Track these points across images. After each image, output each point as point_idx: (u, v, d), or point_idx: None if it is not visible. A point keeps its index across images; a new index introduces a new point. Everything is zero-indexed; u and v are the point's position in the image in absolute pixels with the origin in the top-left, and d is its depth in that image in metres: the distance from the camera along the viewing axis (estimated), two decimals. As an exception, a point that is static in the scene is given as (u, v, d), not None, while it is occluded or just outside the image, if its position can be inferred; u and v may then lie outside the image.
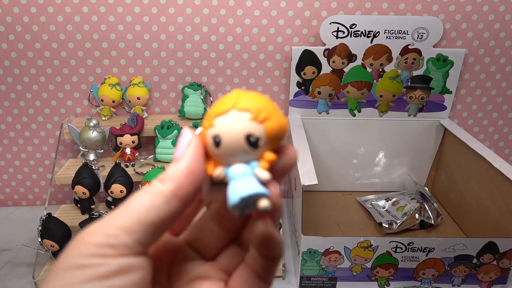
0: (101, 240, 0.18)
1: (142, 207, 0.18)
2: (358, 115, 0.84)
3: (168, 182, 0.19)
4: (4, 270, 0.71)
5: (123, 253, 0.18)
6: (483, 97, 0.85)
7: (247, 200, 0.18)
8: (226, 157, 0.19)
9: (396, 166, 0.89)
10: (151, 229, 0.18)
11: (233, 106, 0.19)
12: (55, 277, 0.18)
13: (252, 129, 0.19)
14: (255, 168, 0.19)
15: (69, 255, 0.18)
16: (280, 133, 0.19)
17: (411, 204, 0.81)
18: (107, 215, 0.19)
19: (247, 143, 0.19)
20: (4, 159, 0.87)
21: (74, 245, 0.18)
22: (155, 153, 0.77)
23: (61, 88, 0.81)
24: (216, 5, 0.75)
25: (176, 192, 0.19)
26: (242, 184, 0.19)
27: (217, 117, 0.19)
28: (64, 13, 0.74)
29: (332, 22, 0.75)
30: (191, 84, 0.80)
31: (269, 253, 0.20)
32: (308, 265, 0.65)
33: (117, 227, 0.18)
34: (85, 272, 0.17)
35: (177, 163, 0.19)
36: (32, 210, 0.87)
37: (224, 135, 0.19)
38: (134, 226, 0.18)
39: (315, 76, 0.80)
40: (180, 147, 0.20)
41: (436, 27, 0.76)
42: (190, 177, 0.19)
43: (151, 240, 0.19)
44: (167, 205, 0.19)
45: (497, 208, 0.68)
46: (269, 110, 0.19)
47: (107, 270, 0.17)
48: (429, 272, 0.66)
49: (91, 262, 0.18)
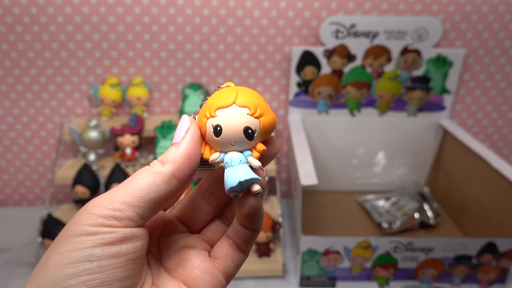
0: (107, 213, 0.20)
1: (144, 185, 0.21)
2: (358, 115, 0.84)
3: (168, 164, 0.21)
4: (4, 270, 0.71)
5: (127, 224, 0.20)
6: (482, 98, 0.86)
7: (243, 184, 0.22)
8: (224, 145, 0.22)
9: (395, 166, 0.90)
10: (151, 205, 0.21)
11: (234, 101, 0.22)
12: (65, 242, 0.20)
13: (250, 123, 0.22)
14: (248, 157, 0.22)
15: (77, 223, 0.20)
16: (271, 127, 0.23)
17: (411, 204, 0.81)
18: (110, 190, 0.21)
19: (245, 135, 0.22)
20: (4, 159, 0.87)
21: (82, 215, 0.21)
22: (156, 153, 0.77)
23: (61, 88, 0.81)
24: (216, 5, 0.75)
25: (175, 174, 0.21)
26: (239, 170, 0.22)
27: (218, 109, 0.22)
28: (65, 13, 0.75)
29: (332, 23, 0.75)
30: (191, 85, 0.80)
31: (253, 225, 0.24)
32: (308, 265, 0.65)
33: (121, 202, 0.20)
34: (94, 238, 0.20)
35: (177, 147, 0.22)
36: (32, 210, 0.87)
37: (225, 126, 0.22)
38: (136, 201, 0.20)
39: (315, 77, 0.80)
40: (179, 132, 0.22)
41: (435, 27, 0.76)
42: (188, 161, 0.21)
43: (150, 215, 0.21)
44: (167, 185, 0.21)
45: (496, 208, 0.69)
46: (263, 107, 0.22)
47: (114, 237, 0.20)
48: (428, 272, 0.66)
49: (99, 230, 0.20)
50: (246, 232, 0.24)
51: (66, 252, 0.19)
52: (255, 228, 0.24)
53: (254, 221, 0.23)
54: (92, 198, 0.22)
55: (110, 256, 0.20)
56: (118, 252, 0.20)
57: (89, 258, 0.19)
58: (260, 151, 0.23)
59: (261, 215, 0.23)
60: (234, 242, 0.24)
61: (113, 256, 0.20)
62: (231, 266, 0.24)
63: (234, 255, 0.24)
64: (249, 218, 0.23)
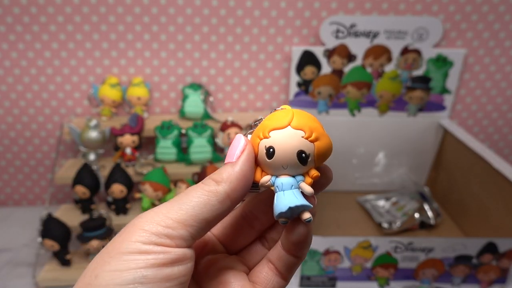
0: (160, 230, 0.19)
1: (198, 203, 0.20)
2: (358, 115, 0.84)
3: (224, 183, 0.21)
4: (4, 270, 0.71)
5: (179, 244, 0.20)
6: (482, 98, 0.86)
7: (293, 210, 0.21)
8: (276, 167, 0.21)
9: (396, 166, 0.90)
10: (204, 224, 0.20)
11: (289, 123, 0.21)
12: (115, 260, 0.19)
13: (304, 147, 0.21)
14: (301, 183, 0.21)
15: (128, 239, 0.19)
16: (326, 153, 0.22)
17: (411, 204, 0.81)
18: (161, 206, 0.21)
19: (298, 159, 0.21)
20: (4, 159, 0.87)
21: (134, 231, 0.20)
22: (156, 153, 0.77)
23: (61, 88, 0.81)
24: (216, 5, 0.75)
25: (229, 194, 0.21)
26: (290, 195, 0.21)
27: (272, 131, 0.21)
28: (64, 13, 0.75)
29: (332, 23, 0.75)
30: (191, 85, 0.80)
31: (299, 253, 0.22)
32: (308, 265, 0.65)
33: (174, 220, 0.20)
34: (147, 257, 0.19)
35: (232, 167, 0.21)
36: (32, 210, 0.87)
37: (278, 148, 0.21)
38: (189, 220, 0.20)
39: (315, 76, 0.80)
40: (233, 151, 0.22)
41: (436, 27, 0.76)
42: (243, 181, 0.21)
43: (201, 235, 0.21)
44: (221, 205, 0.21)
45: (496, 208, 0.69)
46: (319, 131, 0.22)
47: (167, 257, 0.19)
48: (428, 272, 0.66)
49: (152, 249, 0.19)
50: (290, 258, 0.23)
51: (117, 271, 0.18)
52: (301, 255, 0.23)
53: (302, 249, 0.22)
54: (92, 197, 0.21)
55: (163, 279, 0.19)
56: (171, 275, 0.19)
57: (141, 280, 0.18)
58: (314, 177, 0.22)
59: (309, 243, 0.22)
60: (276, 268, 0.23)
61: (166, 279, 0.19)
62: None
63: (275, 281, 0.23)
64: (296, 246, 0.22)
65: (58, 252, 0.67)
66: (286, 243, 0.22)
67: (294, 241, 0.22)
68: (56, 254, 0.67)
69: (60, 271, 0.68)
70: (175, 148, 0.77)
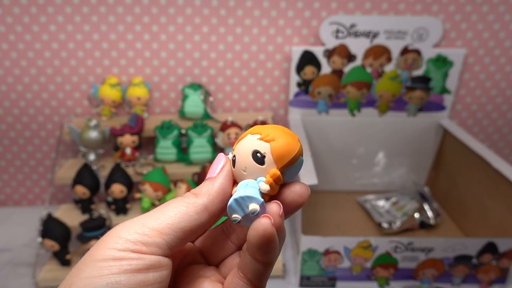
0: (136, 237, 0.20)
1: (176, 213, 0.21)
2: (358, 115, 0.84)
3: (202, 196, 0.22)
4: (4, 270, 0.71)
5: (154, 251, 0.20)
6: (482, 97, 0.86)
7: (240, 203, 0.21)
8: (240, 174, 0.22)
9: (396, 166, 0.90)
10: (180, 234, 0.21)
11: (249, 133, 0.22)
12: (89, 267, 0.19)
13: (258, 146, 0.21)
14: (260, 183, 0.21)
15: (104, 247, 0.20)
16: (285, 152, 0.21)
17: (411, 204, 0.81)
18: (142, 216, 0.21)
19: (253, 158, 0.21)
20: (4, 159, 0.87)
21: (110, 238, 0.20)
22: (155, 153, 0.77)
23: (61, 88, 0.81)
24: (216, 5, 0.75)
25: (208, 206, 0.22)
26: (240, 190, 0.21)
27: (238, 143, 0.23)
28: (64, 13, 0.75)
29: (332, 23, 0.75)
30: (191, 85, 0.80)
31: (264, 257, 0.21)
32: (308, 265, 0.65)
33: (151, 228, 0.20)
34: (121, 263, 0.19)
35: (212, 182, 0.22)
36: (32, 210, 0.87)
37: (238, 154, 0.22)
38: (166, 229, 0.21)
39: (315, 76, 0.80)
40: (214, 168, 0.23)
41: (435, 27, 0.76)
42: (221, 195, 0.22)
43: (178, 244, 0.21)
44: (198, 216, 0.21)
45: (496, 208, 0.69)
46: (278, 134, 0.21)
47: (141, 263, 0.20)
48: (428, 272, 0.66)
49: (126, 256, 0.19)
50: (256, 265, 0.21)
51: (90, 278, 0.19)
52: (266, 261, 0.21)
53: (266, 253, 0.21)
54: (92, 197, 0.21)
55: (136, 284, 0.19)
56: (145, 281, 0.19)
57: (114, 285, 0.19)
58: (273, 175, 0.21)
59: (274, 247, 0.21)
60: (245, 276, 0.22)
61: (139, 285, 0.19)
62: None
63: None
64: (258, 248, 0.20)
65: (58, 252, 0.67)
66: (248, 246, 0.21)
67: (254, 242, 0.20)
68: (56, 254, 0.67)
69: (60, 271, 0.68)
70: (175, 148, 0.77)
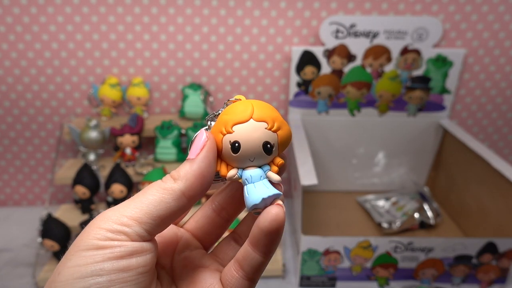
0: (115, 227, 0.20)
1: (152, 201, 0.21)
2: (358, 115, 0.84)
3: (179, 181, 0.21)
4: (4, 270, 0.71)
5: (135, 239, 0.20)
6: (482, 97, 0.86)
7: (266, 200, 0.21)
8: (243, 161, 0.22)
9: (395, 166, 0.90)
10: (159, 221, 0.21)
11: (250, 116, 0.22)
12: (75, 257, 0.20)
13: (269, 137, 0.22)
14: (268, 172, 0.22)
15: (86, 238, 0.20)
16: (288, 140, 0.23)
17: (411, 204, 0.81)
18: (119, 204, 0.21)
19: (264, 150, 0.22)
20: (4, 159, 0.87)
21: (90, 229, 0.20)
22: (155, 153, 0.77)
23: (61, 88, 0.81)
24: (216, 5, 0.75)
25: (185, 191, 0.21)
26: (261, 187, 0.22)
27: (235, 125, 0.22)
28: (64, 13, 0.75)
29: (332, 23, 0.75)
30: (191, 85, 0.80)
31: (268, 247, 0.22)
32: (308, 265, 0.65)
33: (129, 217, 0.20)
34: (104, 252, 0.20)
35: (191, 165, 0.21)
36: (32, 210, 0.87)
37: (244, 142, 0.21)
38: (144, 217, 0.20)
39: (315, 77, 0.80)
40: (194, 148, 0.22)
41: (435, 27, 0.76)
42: (200, 180, 0.21)
43: (158, 230, 0.21)
44: (176, 202, 0.21)
45: (496, 208, 0.69)
46: (280, 120, 0.22)
47: (123, 250, 0.20)
48: (428, 272, 0.66)
49: (108, 244, 0.20)
50: (255, 256, 0.22)
51: (76, 267, 0.19)
52: (268, 251, 0.22)
53: (270, 241, 0.21)
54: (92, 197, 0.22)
55: (120, 270, 0.20)
56: (128, 266, 0.20)
57: (99, 272, 0.19)
58: (279, 165, 0.22)
59: (279, 235, 0.22)
60: (242, 268, 0.22)
61: (123, 270, 0.20)
62: None
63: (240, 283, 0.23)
64: (266, 235, 0.21)
65: (58, 252, 0.67)
66: (258, 233, 0.21)
67: (268, 229, 0.21)
68: (56, 254, 0.67)
69: (60, 271, 0.68)
70: (175, 148, 0.77)
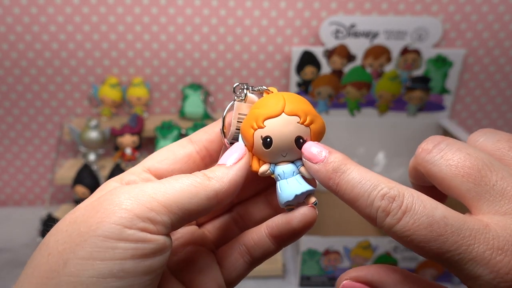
0: (144, 212, 0.17)
1: (187, 191, 0.19)
2: (358, 115, 0.84)
3: (215, 181, 0.20)
4: (4, 270, 0.71)
5: (161, 231, 0.18)
6: (482, 98, 0.86)
7: (299, 197, 0.21)
8: (275, 156, 0.21)
9: (396, 166, 0.90)
10: (186, 216, 0.19)
11: (282, 110, 0.21)
12: (88, 244, 0.16)
13: (301, 132, 0.21)
14: (301, 167, 0.21)
15: (106, 220, 0.17)
16: (321, 134, 0.22)
17: (411, 204, 0.81)
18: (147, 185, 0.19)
19: (297, 145, 0.21)
20: (4, 159, 0.87)
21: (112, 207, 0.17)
22: (155, 153, 0.77)
23: (61, 88, 0.81)
24: (216, 6, 0.75)
25: (218, 194, 0.20)
26: (294, 183, 0.21)
27: (267, 120, 0.21)
28: (64, 13, 0.75)
29: (332, 23, 0.75)
30: (191, 85, 0.80)
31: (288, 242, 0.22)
32: (308, 265, 0.65)
33: (160, 203, 0.18)
34: (126, 246, 0.16)
35: (228, 170, 0.20)
36: (32, 210, 0.87)
37: (275, 137, 0.21)
38: (174, 207, 0.18)
39: (315, 77, 0.80)
40: (231, 156, 0.21)
41: (435, 27, 0.76)
42: (234, 186, 0.20)
43: (180, 225, 0.19)
44: (207, 201, 0.19)
45: (496, 208, 0.69)
46: (312, 113, 0.21)
47: (148, 248, 0.17)
48: (428, 272, 0.66)
49: (133, 235, 0.17)
50: (271, 247, 0.22)
51: (90, 260, 0.16)
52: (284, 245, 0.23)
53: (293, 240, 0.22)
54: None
55: (143, 272, 0.17)
56: (151, 267, 0.17)
57: (119, 273, 0.16)
58: None
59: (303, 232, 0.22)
60: (249, 252, 0.23)
61: (146, 273, 0.17)
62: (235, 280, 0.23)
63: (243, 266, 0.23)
64: (296, 235, 0.22)
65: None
66: (284, 229, 0.22)
67: (300, 226, 0.21)
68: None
69: (60, 271, 0.68)
70: (175, 148, 0.77)
